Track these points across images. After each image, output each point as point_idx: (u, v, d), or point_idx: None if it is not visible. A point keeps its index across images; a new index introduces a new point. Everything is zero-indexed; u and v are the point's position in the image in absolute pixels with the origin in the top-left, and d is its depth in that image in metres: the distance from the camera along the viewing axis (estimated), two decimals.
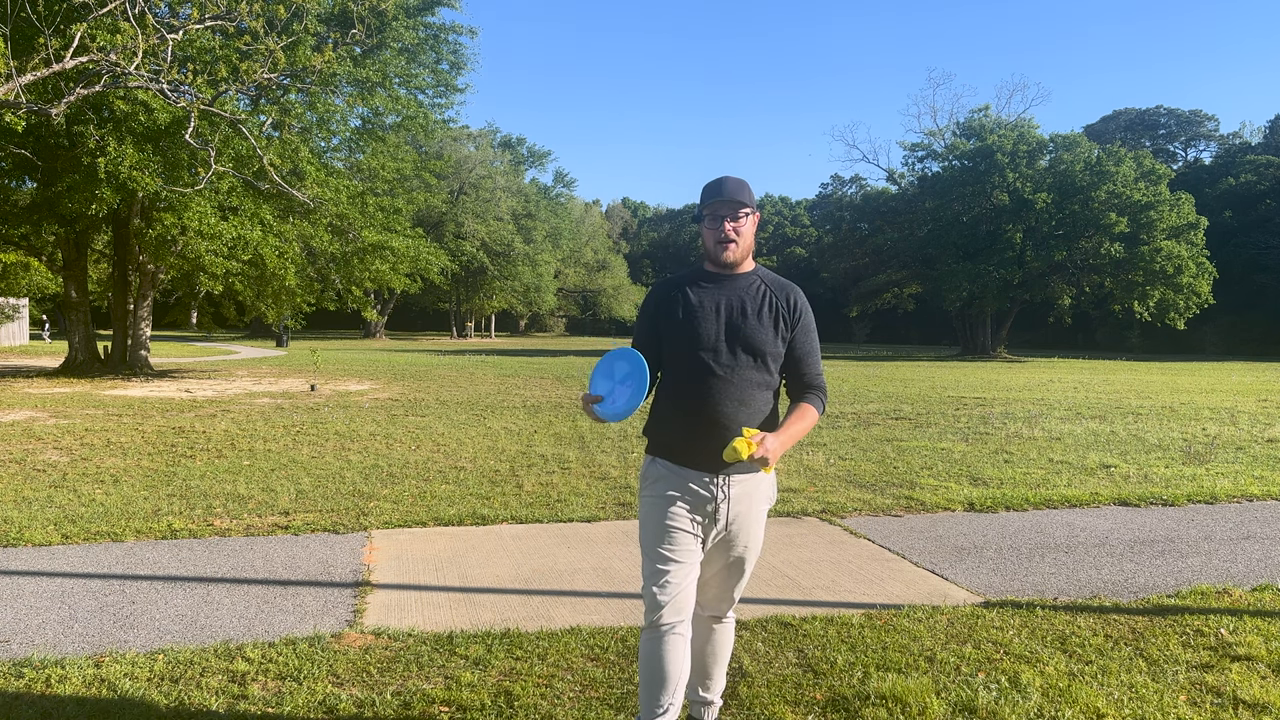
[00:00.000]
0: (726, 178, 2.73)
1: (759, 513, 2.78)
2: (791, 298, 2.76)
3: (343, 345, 45.09)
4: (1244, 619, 4.23)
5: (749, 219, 2.72)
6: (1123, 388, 20.37)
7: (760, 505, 2.78)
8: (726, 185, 2.70)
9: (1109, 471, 8.42)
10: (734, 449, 2.45)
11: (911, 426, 11.95)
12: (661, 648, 2.67)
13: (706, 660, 2.92)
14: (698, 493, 2.68)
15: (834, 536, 5.86)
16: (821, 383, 2.80)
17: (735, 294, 2.73)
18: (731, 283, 2.75)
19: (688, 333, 2.69)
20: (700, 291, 2.74)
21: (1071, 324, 51.79)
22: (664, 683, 2.67)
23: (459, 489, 7.20)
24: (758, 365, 2.69)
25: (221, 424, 11.15)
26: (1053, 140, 45.74)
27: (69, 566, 4.93)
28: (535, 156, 73.09)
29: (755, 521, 2.77)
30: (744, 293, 2.73)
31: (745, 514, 2.74)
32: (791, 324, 2.75)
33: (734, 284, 2.74)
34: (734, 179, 2.73)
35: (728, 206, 2.69)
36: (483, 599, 4.48)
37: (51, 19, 12.69)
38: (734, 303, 2.71)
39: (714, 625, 2.91)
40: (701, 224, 2.75)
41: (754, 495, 2.74)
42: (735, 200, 2.69)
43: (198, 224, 15.99)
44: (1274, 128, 65.41)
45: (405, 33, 19.74)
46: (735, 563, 2.79)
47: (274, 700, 3.24)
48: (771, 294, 2.75)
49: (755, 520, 2.77)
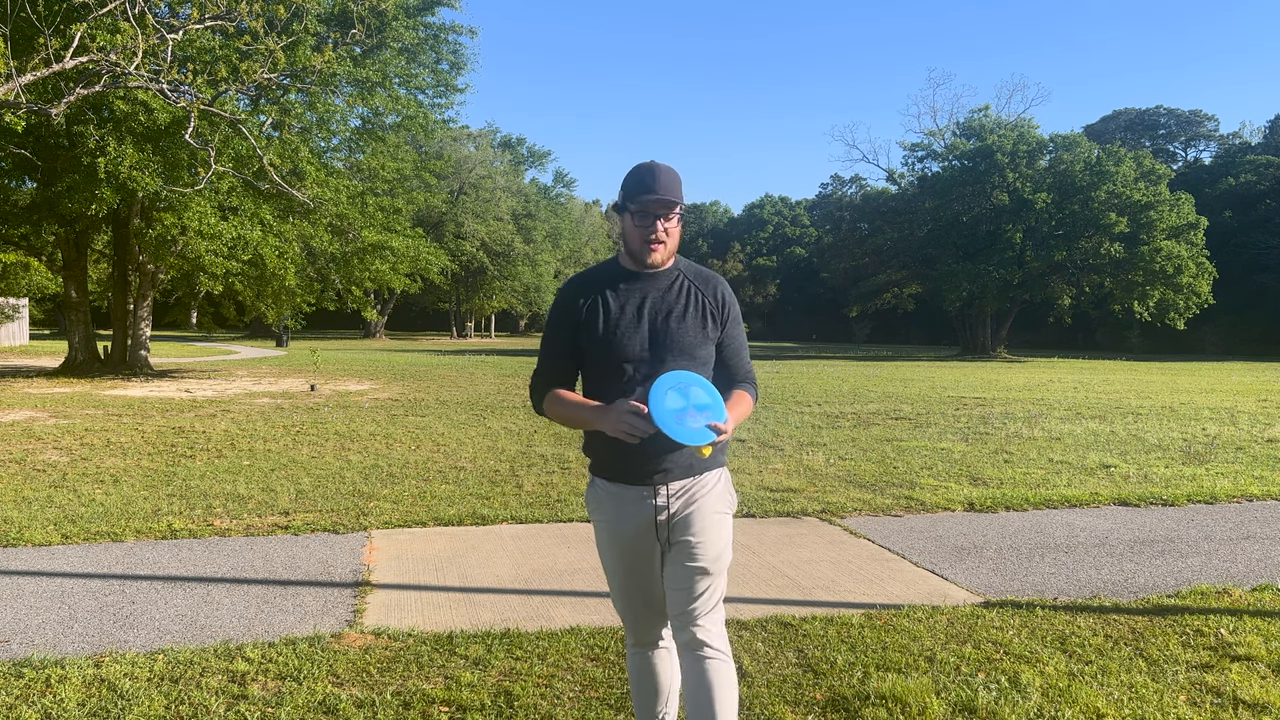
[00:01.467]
0: (659, 168, 2.43)
1: (713, 518, 2.47)
2: (719, 291, 2.52)
3: (343, 345, 45.09)
4: (1244, 619, 4.23)
5: (679, 218, 2.46)
6: (1123, 388, 20.38)
7: (712, 507, 2.48)
8: (661, 179, 2.40)
9: (1109, 471, 8.42)
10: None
11: (911, 426, 11.95)
12: (642, 664, 2.62)
13: (700, 707, 2.41)
14: (639, 508, 2.45)
15: (834, 536, 5.86)
16: (753, 376, 2.63)
17: (658, 294, 2.47)
18: (652, 281, 2.49)
19: (610, 342, 2.44)
20: (620, 295, 2.48)
21: (1071, 324, 51.77)
22: (654, 695, 2.63)
23: (459, 489, 7.20)
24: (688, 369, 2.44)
25: (221, 424, 11.15)
26: (1053, 140, 45.76)
27: (69, 566, 4.93)
28: (535, 156, 73.13)
29: (710, 527, 2.45)
30: (667, 292, 2.48)
31: (694, 520, 2.45)
32: (721, 320, 2.51)
33: (655, 282, 2.49)
34: (668, 170, 2.43)
35: (662, 205, 2.40)
36: (483, 599, 4.48)
37: (51, 19, 12.69)
38: (658, 305, 2.46)
39: (698, 658, 2.43)
40: (624, 215, 2.45)
41: (701, 499, 2.47)
42: (668, 200, 2.40)
43: (198, 224, 16.00)
44: (1274, 128, 65.42)
45: (405, 33, 19.74)
46: (693, 574, 2.44)
47: (274, 700, 3.24)
48: (697, 290, 2.50)
49: (709, 526, 2.45)
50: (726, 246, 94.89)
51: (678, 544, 2.46)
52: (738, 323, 2.58)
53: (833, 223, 60.43)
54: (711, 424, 2.24)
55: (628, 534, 2.48)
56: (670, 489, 2.45)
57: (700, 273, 2.56)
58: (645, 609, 2.57)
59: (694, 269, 2.57)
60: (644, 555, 2.50)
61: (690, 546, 2.44)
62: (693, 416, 2.28)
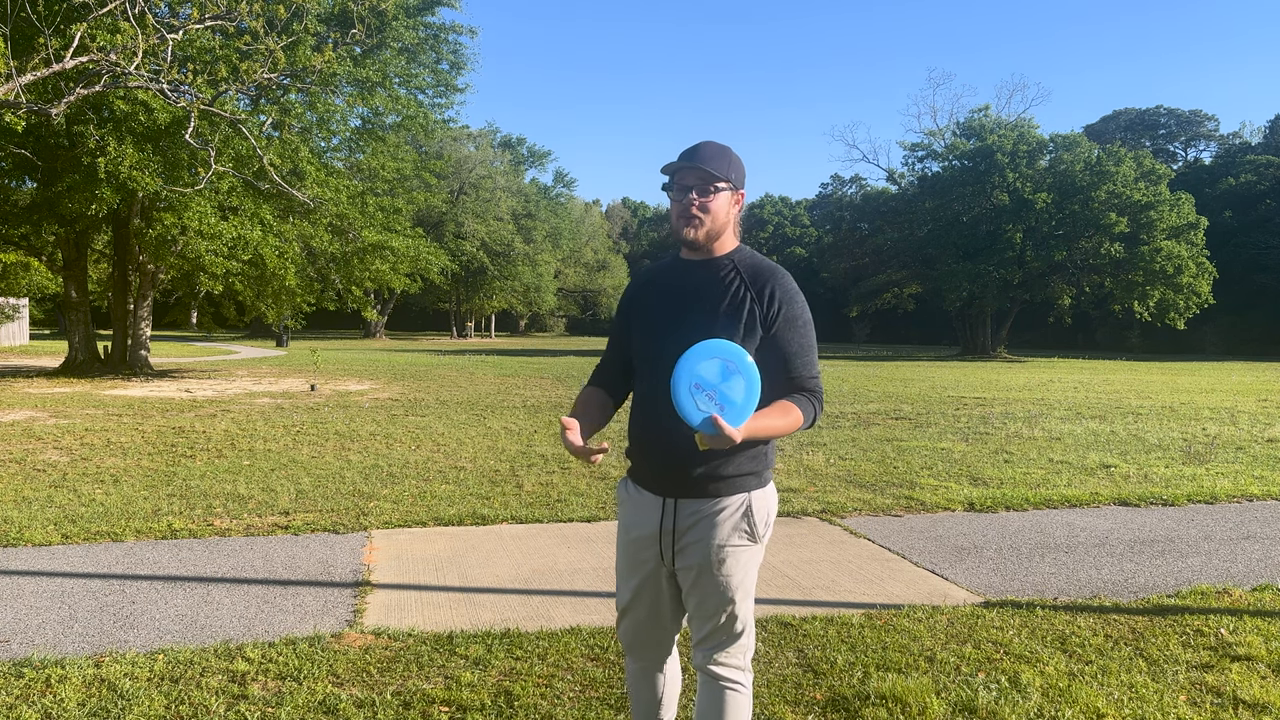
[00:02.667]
0: (703, 142, 2.26)
1: (726, 546, 2.26)
2: (769, 288, 2.25)
3: (343, 345, 45.08)
4: (1244, 619, 4.23)
5: (722, 196, 2.23)
6: (1123, 388, 20.38)
7: (726, 537, 2.25)
8: (700, 150, 2.23)
9: (1109, 471, 8.42)
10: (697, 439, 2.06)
11: (911, 426, 11.95)
12: (635, 679, 2.54)
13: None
14: (649, 516, 2.33)
15: (834, 536, 5.86)
16: (815, 385, 2.28)
17: (701, 284, 2.28)
18: (702, 270, 2.30)
19: (643, 333, 2.33)
20: (667, 285, 2.34)
21: (1071, 324, 51.78)
22: (651, 706, 2.53)
23: (459, 489, 7.20)
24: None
25: (221, 424, 11.15)
26: (1053, 140, 45.74)
27: (69, 566, 4.93)
28: (535, 156, 73.12)
29: (723, 558, 2.26)
30: (711, 283, 2.27)
31: (703, 547, 2.26)
32: (765, 320, 2.22)
33: (703, 272, 2.29)
34: (711, 144, 2.26)
35: (695, 175, 2.21)
36: (483, 599, 4.48)
37: (51, 19, 12.69)
38: (693, 297, 2.27)
39: (711, 683, 2.34)
40: (669, 193, 2.29)
41: (712, 525, 2.25)
42: (704, 170, 2.20)
43: (198, 224, 15.99)
44: (1274, 128, 65.40)
45: (405, 33, 19.73)
46: (705, 605, 2.30)
47: (274, 700, 3.24)
48: (744, 283, 2.25)
49: (722, 556, 2.26)
50: None
51: (685, 570, 2.31)
52: (793, 325, 2.25)
53: (833, 223, 60.45)
54: (714, 415, 2.01)
55: (634, 541, 2.38)
56: (680, 504, 2.28)
57: (756, 265, 2.30)
58: (644, 626, 2.44)
59: (751, 260, 2.31)
60: (649, 569, 2.37)
61: (701, 575, 2.28)
62: (708, 398, 2.04)
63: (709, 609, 2.30)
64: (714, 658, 2.33)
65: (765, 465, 2.33)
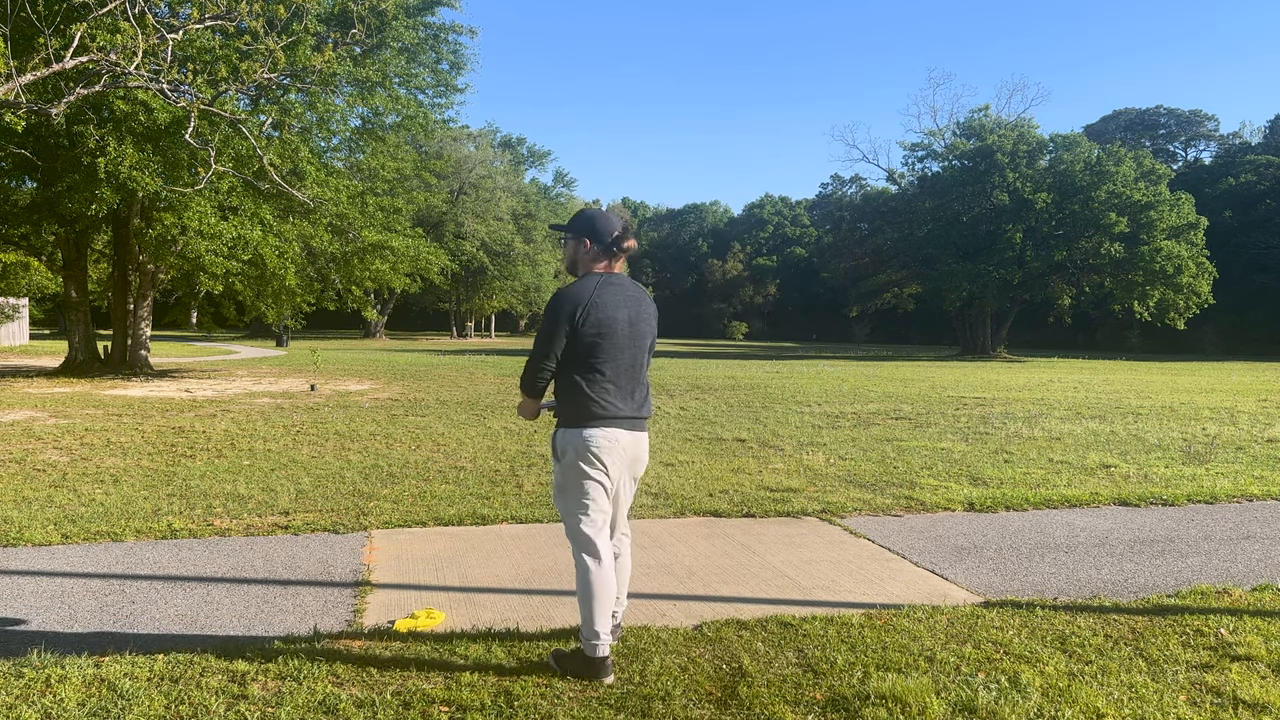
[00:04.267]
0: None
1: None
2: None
3: (343, 345, 45.08)
4: (1244, 619, 4.23)
5: (569, 243, 3.65)
6: (1123, 388, 20.38)
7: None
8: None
9: (1109, 471, 8.42)
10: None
11: (911, 426, 11.95)
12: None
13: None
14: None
15: (834, 536, 5.86)
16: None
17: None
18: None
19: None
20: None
21: (1071, 324, 51.81)
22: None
23: (459, 489, 7.20)
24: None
25: (221, 424, 11.15)
26: (1053, 140, 45.76)
27: (69, 566, 4.93)
28: (535, 156, 73.14)
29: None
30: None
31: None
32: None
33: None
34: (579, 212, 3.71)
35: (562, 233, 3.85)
36: (483, 599, 4.48)
37: (51, 19, 12.69)
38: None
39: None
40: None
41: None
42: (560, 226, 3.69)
43: (198, 224, 15.99)
44: (1274, 128, 65.41)
45: (405, 33, 19.73)
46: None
47: (274, 700, 3.24)
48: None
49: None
50: (726, 246, 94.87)
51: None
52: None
53: (833, 223, 60.46)
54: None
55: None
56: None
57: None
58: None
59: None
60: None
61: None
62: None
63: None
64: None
65: (570, 417, 3.53)
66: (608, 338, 3.45)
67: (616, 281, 3.54)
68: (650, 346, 3.64)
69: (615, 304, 3.48)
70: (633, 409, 3.53)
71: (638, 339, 3.54)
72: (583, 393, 3.45)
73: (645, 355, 3.60)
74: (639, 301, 3.58)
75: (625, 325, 3.49)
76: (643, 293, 3.65)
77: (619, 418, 3.48)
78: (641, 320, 3.57)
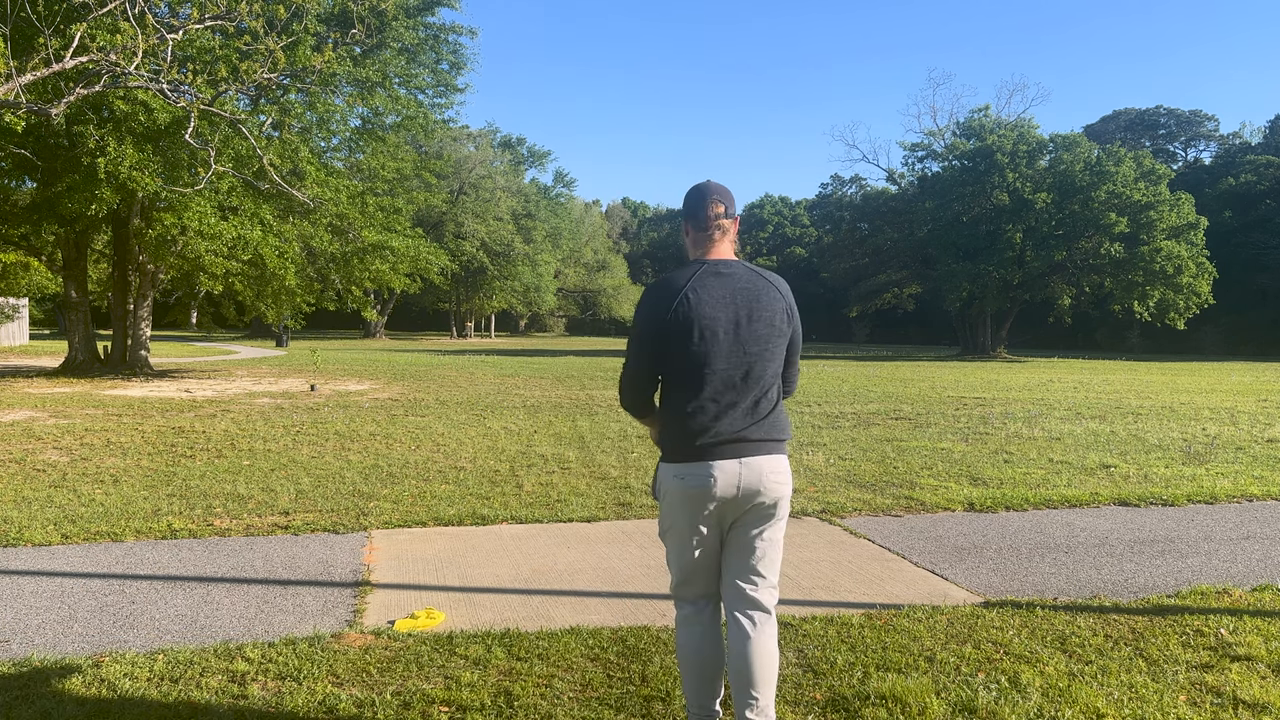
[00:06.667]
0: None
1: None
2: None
3: (343, 345, 45.07)
4: (1244, 619, 4.23)
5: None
6: (1123, 388, 20.38)
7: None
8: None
9: (1109, 471, 8.42)
10: None
11: (911, 426, 11.95)
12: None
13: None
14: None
15: (834, 536, 5.86)
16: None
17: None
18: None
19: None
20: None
21: (1071, 324, 51.74)
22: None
23: (459, 489, 7.20)
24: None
25: (221, 424, 11.15)
26: (1052, 140, 45.71)
27: (69, 566, 4.93)
28: (535, 156, 73.10)
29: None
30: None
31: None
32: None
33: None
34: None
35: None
36: (483, 599, 4.48)
37: (51, 19, 12.69)
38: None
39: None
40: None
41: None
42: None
43: (198, 224, 15.98)
44: (1274, 128, 65.40)
45: (405, 33, 19.73)
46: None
47: (274, 700, 3.24)
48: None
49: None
50: None
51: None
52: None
53: (833, 223, 60.39)
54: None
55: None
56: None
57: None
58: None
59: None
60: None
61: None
62: None
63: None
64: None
65: (662, 447, 2.89)
66: (706, 343, 2.74)
67: (725, 270, 2.81)
68: (777, 351, 2.85)
69: (715, 300, 2.75)
70: (740, 427, 2.78)
71: (753, 342, 2.78)
72: (670, 416, 2.81)
73: (766, 363, 2.82)
74: (755, 295, 2.81)
75: (728, 326, 2.75)
76: (764, 283, 2.85)
77: (718, 444, 2.75)
78: (759, 319, 2.79)
